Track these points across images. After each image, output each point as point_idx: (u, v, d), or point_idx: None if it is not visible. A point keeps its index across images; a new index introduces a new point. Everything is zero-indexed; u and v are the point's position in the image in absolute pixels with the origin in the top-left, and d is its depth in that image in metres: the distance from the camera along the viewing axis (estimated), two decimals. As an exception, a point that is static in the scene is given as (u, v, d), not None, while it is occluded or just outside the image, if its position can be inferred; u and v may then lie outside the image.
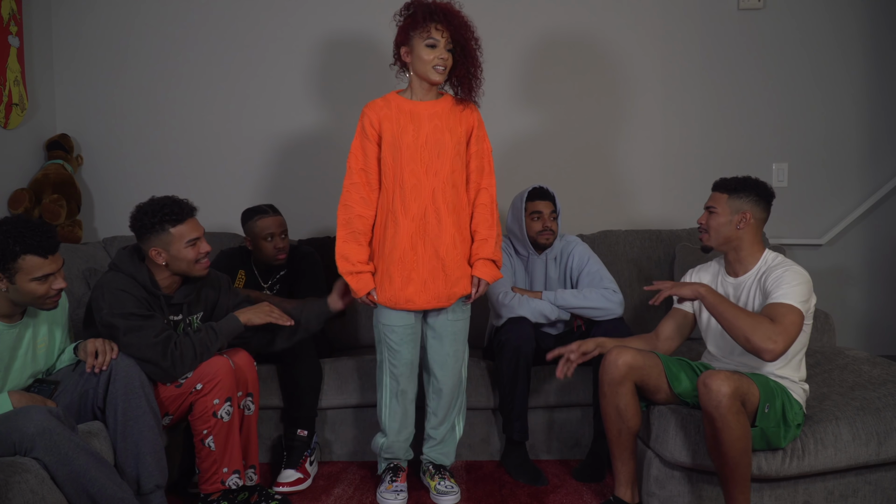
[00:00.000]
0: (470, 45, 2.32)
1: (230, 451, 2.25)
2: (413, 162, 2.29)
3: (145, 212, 2.21)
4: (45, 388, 2.09)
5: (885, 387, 2.24)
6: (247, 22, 3.48)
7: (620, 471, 2.23)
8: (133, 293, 2.18)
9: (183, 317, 2.33)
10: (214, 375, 2.20)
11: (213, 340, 2.23)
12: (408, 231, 2.30)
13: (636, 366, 2.13)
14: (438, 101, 2.37)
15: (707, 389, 1.91)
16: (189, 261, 2.23)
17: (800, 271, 2.08)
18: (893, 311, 3.56)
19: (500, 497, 2.47)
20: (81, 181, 3.49)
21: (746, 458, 1.93)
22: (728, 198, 2.19)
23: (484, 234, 2.37)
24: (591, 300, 2.68)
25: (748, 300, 2.16)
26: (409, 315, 2.37)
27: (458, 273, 2.34)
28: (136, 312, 2.15)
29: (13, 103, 3.17)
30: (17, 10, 3.21)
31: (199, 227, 2.27)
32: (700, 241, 2.26)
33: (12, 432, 1.79)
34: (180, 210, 2.22)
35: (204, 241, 2.27)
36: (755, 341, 1.95)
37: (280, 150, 3.51)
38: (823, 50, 3.48)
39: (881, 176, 3.51)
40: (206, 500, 2.26)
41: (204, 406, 2.20)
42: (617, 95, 3.50)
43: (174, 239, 2.20)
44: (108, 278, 2.21)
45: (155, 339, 2.13)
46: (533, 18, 3.47)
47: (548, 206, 2.79)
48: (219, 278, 2.46)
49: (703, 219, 2.24)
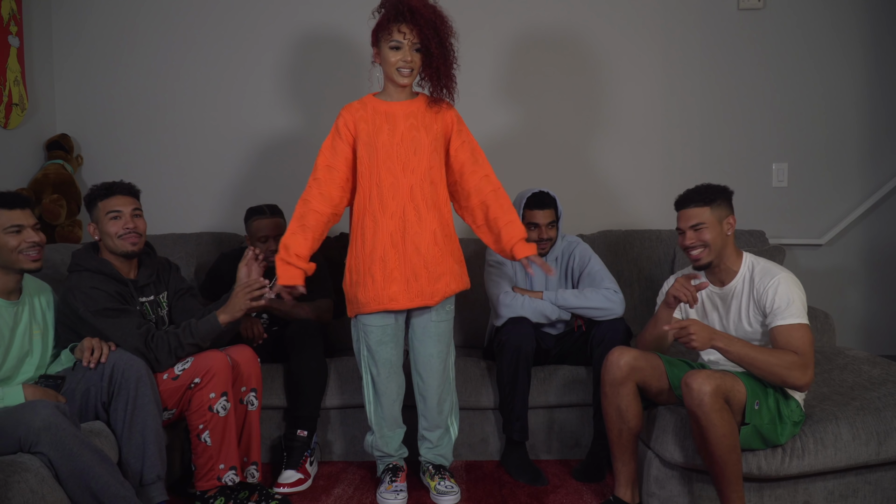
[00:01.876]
0: (434, 45, 2.27)
1: (227, 447, 2.26)
2: (389, 160, 2.30)
3: (90, 190, 2.36)
4: (52, 384, 2.10)
5: (885, 386, 2.24)
6: (248, 21, 3.48)
7: (621, 471, 2.23)
8: (103, 288, 2.22)
9: (154, 297, 2.39)
10: (210, 369, 2.22)
11: (187, 337, 2.23)
12: (387, 229, 2.30)
13: (638, 366, 2.13)
14: (413, 100, 2.37)
15: (689, 389, 1.93)
16: (111, 234, 2.29)
17: (790, 279, 2.07)
18: (893, 311, 3.56)
19: (500, 497, 2.47)
20: (81, 181, 3.49)
21: (735, 456, 1.93)
22: (710, 209, 2.14)
23: (509, 217, 2.36)
24: (592, 300, 2.68)
25: (740, 310, 2.15)
26: (389, 315, 2.36)
27: (441, 270, 2.34)
28: (111, 307, 2.19)
29: (13, 103, 3.17)
30: (17, 10, 3.21)
31: (128, 204, 2.32)
32: (694, 260, 2.17)
33: (18, 426, 1.79)
34: (109, 186, 2.34)
35: (130, 218, 2.31)
36: (792, 381, 1.98)
37: (282, 150, 3.51)
38: (823, 50, 3.48)
39: (881, 176, 3.51)
40: (202, 497, 2.27)
41: (200, 400, 2.22)
42: (617, 95, 3.50)
43: (100, 212, 2.31)
44: (73, 281, 2.24)
45: (137, 329, 2.18)
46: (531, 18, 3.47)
47: (546, 216, 2.73)
48: (170, 265, 2.52)
49: (689, 239, 2.15)
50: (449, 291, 2.37)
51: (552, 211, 2.75)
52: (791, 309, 2.03)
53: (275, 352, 2.84)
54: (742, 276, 2.15)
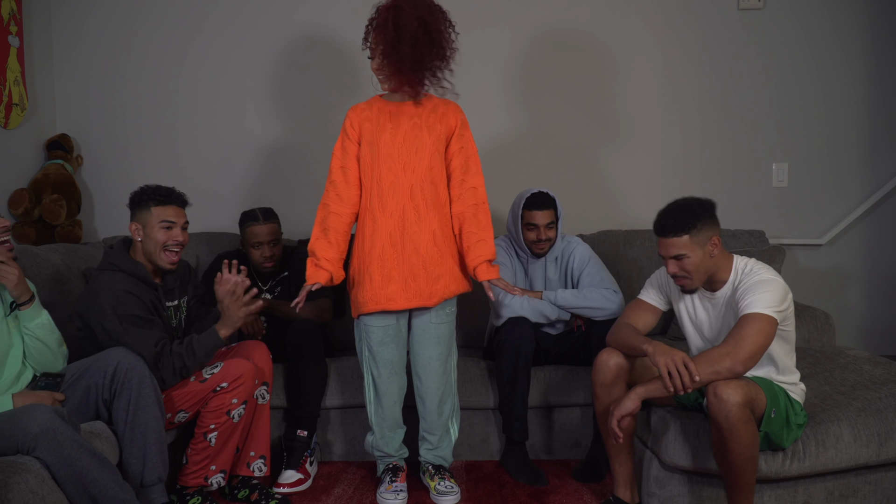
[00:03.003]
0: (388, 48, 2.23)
1: (226, 452, 2.29)
2: (390, 159, 2.30)
3: (141, 189, 2.34)
4: (51, 382, 2.09)
5: (887, 387, 2.24)
6: (247, 22, 3.48)
7: (618, 472, 2.23)
8: (136, 293, 2.21)
9: (178, 302, 2.39)
10: (239, 376, 2.24)
11: (190, 359, 2.22)
12: (386, 228, 2.30)
13: (627, 367, 2.12)
14: (420, 101, 2.37)
15: (718, 399, 1.87)
16: (158, 242, 2.27)
17: (771, 280, 2.01)
18: (893, 311, 3.56)
19: (500, 497, 2.47)
20: (81, 181, 3.49)
21: (753, 466, 1.92)
22: (689, 237, 2.01)
23: (482, 234, 2.36)
24: (591, 300, 2.68)
25: (724, 315, 2.11)
26: (390, 316, 2.36)
27: (439, 271, 2.33)
28: (139, 315, 2.18)
29: (13, 103, 3.17)
30: (17, 10, 3.21)
31: (181, 216, 2.33)
32: (680, 287, 2.10)
33: (16, 431, 1.78)
34: (168, 194, 2.32)
35: (180, 231, 2.30)
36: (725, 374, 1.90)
37: (281, 149, 3.51)
38: (823, 50, 3.48)
39: (881, 176, 3.51)
40: (181, 492, 2.28)
41: (221, 402, 2.24)
42: (617, 95, 3.50)
43: (152, 217, 2.28)
44: (106, 281, 2.22)
45: (154, 347, 2.17)
46: (534, 19, 3.47)
47: (545, 217, 2.72)
48: (190, 269, 2.52)
49: (672, 268, 2.05)
50: (448, 293, 2.37)
51: (551, 211, 2.74)
52: (752, 301, 1.96)
53: (275, 352, 2.83)
54: (731, 283, 2.10)
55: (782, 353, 2.07)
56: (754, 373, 2.06)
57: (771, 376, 2.07)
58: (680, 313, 2.24)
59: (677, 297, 2.23)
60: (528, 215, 2.74)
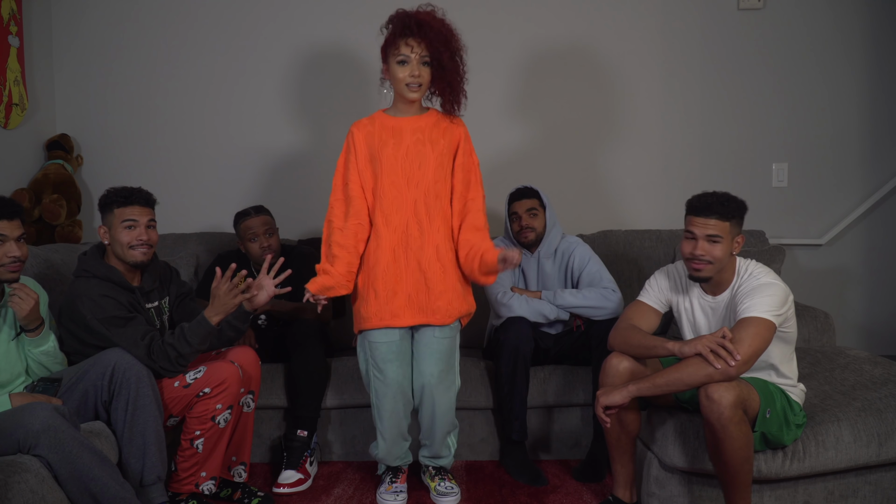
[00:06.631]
0: (446, 58, 2.24)
1: (214, 457, 2.27)
2: (393, 173, 2.28)
3: (105, 192, 2.31)
4: (49, 387, 2.09)
5: (887, 387, 2.24)
6: (247, 24, 3.47)
7: (619, 473, 2.23)
8: (112, 296, 2.20)
9: (158, 303, 2.38)
10: (223, 381, 2.21)
11: (183, 347, 2.19)
12: (390, 243, 2.28)
13: (638, 371, 2.11)
14: (422, 115, 2.35)
15: (709, 401, 1.88)
16: (123, 243, 2.25)
17: (772, 284, 2.01)
18: (893, 311, 3.56)
19: (500, 497, 2.47)
20: (81, 181, 3.49)
21: (748, 466, 1.92)
22: (730, 226, 2.03)
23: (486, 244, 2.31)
24: (590, 299, 2.69)
25: (723, 320, 2.11)
26: (394, 332, 2.31)
27: (442, 287, 2.29)
28: (119, 315, 2.17)
29: (13, 103, 3.17)
30: (17, 10, 3.21)
31: (144, 214, 2.28)
32: (694, 271, 2.06)
33: (17, 429, 1.78)
34: (129, 194, 2.28)
35: (144, 229, 2.27)
36: (718, 376, 1.89)
37: (278, 151, 3.51)
38: (823, 50, 3.48)
39: (881, 176, 3.51)
40: (174, 499, 2.27)
41: (206, 408, 2.21)
42: (617, 95, 3.50)
43: (115, 218, 2.26)
44: (81, 287, 2.20)
45: (141, 340, 2.16)
46: (534, 22, 3.47)
47: (525, 205, 2.80)
48: (171, 269, 2.49)
49: (701, 248, 2.02)
50: (452, 310, 2.30)
51: (533, 200, 2.81)
52: (751, 305, 1.97)
53: (275, 352, 2.84)
54: (732, 287, 2.10)
55: (782, 355, 2.07)
56: (753, 373, 2.06)
57: (770, 377, 2.07)
58: (679, 316, 2.24)
59: (677, 300, 2.23)
60: (511, 207, 2.84)
